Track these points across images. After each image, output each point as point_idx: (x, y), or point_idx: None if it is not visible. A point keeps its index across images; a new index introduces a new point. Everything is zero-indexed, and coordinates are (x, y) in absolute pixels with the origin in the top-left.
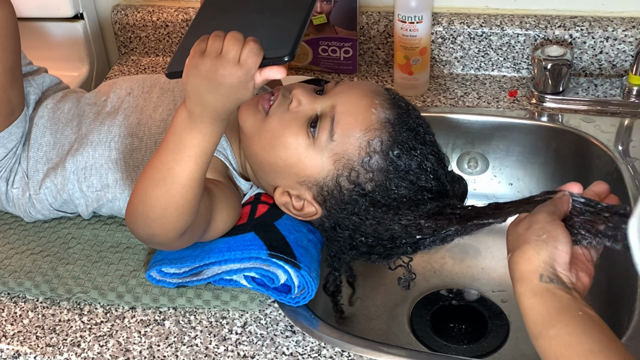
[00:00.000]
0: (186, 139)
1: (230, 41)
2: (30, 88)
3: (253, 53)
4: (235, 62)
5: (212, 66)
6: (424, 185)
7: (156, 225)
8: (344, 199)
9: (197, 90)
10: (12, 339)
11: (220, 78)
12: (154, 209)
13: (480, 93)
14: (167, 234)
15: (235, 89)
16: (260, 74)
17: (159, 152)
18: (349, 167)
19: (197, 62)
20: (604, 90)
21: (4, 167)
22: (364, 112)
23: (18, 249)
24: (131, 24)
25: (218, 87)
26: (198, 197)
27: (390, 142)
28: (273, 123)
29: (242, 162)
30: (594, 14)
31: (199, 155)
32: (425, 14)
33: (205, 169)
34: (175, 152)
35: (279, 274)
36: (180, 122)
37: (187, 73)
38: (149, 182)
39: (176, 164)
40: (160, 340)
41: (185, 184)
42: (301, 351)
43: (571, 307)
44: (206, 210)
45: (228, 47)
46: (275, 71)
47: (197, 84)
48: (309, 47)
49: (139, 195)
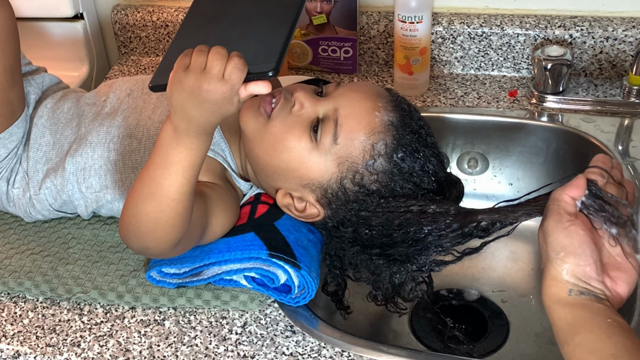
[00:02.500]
0: (173, 154)
1: (214, 56)
2: (30, 88)
3: (237, 69)
4: (219, 77)
5: (197, 82)
6: (426, 187)
7: (148, 239)
8: (349, 199)
9: (181, 106)
10: (12, 339)
11: (204, 94)
12: (145, 224)
13: (480, 93)
14: (160, 247)
15: (220, 104)
16: (245, 89)
17: (147, 167)
18: (353, 169)
19: (181, 78)
20: (604, 90)
21: (5, 167)
22: (368, 115)
23: (18, 249)
24: (131, 24)
25: (203, 102)
26: (189, 209)
27: (394, 145)
28: (276, 126)
29: (242, 163)
30: (594, 14)
31: (186, 170)
32: (425, 14)
33: (194, 181)
34: (162, 167)
35: (279, 274)
36: (166, 137)
37: (172, 88)
38: (139, 197)
39: (164, 179)
40: (160, 340)
41: (174, 198)
42: (301, 351)
43: (600, 315)
44: (201, 217)
45: (212, 63)
46: (260, 86)
47: (181, 99)
48: (309, 47)
49: (129, 210)
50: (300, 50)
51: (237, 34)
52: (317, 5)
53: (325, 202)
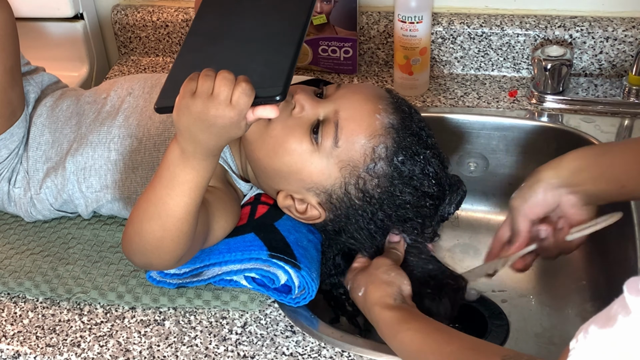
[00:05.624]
0: (180, 175)
1: (221, 82)
2: (30, 87)
3: (245, 94)
4: (227, 103)
5: (204, 107)
6: (426, 190)
7: (153, 256)
8: (354, 205)
9: (189, 130)
10: (12, 339)
11: (212, 119)
12: (150, 242)
13: (480, 93)
14: (165, 263)
15: (227, 129)
16: (253, 113)
17: (153, 185)
18: (355, 174)
19: (189, 103)
20: (604, 90)
21: (6, 167)
22: (368, 117)
23: (18, 249)
24: (131, 24)
25: (210, 127)
26: (193, 227)
27: (394, 148)
28: (276, 129)
29: (242, 164)
30: (594, 14)
31: (192, 190)
32: (425, 14)
33: (200, 201)
34: (169, 187)
35: (279, 275)
36: (172, 158)
37: (178, 113)
38: (144, 215)
39: (170, 199)
40: (160, 340)
41: (180, 218)
42: (301, 351)
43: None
44: (203, 226)
45: (220, 89)
46: (268, 111)
47: (189, 123)
48: (309, 47)
49: (134, 227)
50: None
51: (243, 54)
52: (317, 5)
53: (328, 206)
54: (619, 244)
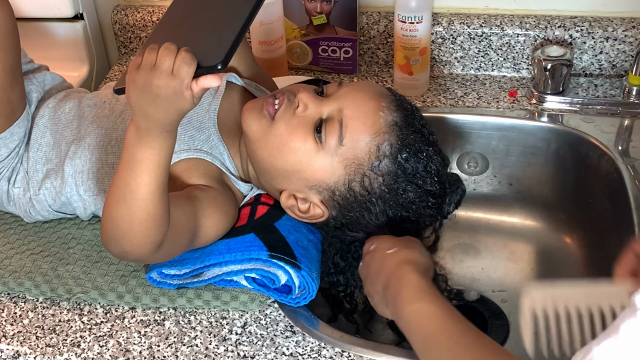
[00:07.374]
0: (136, 154)
1: (163, 52)
2: (32, 86)
3: (185, 63)
4: (168, 72)
5: (147, 78)
6: (429, 189)
7: (125, 242)
8: (358, 202)
9: (138, 104)
10: (12, 339)
11: (155, 89)
12: (120, 226)
13: (480, 93)
14: (139, 250)
15: (172, 100)
16: (197, 83)
17: (117, 170)
18: (360, 172)
19: (134, 76)
20: (604, 90)
21: (6, 166)
22: (372, 115)
23: (18, 249)
24: (131, 24)
25: (155, 98)
26: (162, 210)
27: (398, 145)
28: (280, 128)
29: (242, 165)
30: (594, 14)
31: (151, 169)
32: (425, 14)
33: (162, 181)
34: (129, 168)
35: (279, 275)
36: (129, 137)
37: (128, 88)
38: (112, 200)
39: (132, 180)
40: (160, 340)
41: (144, 198)
42: (301, 351)
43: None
44: (188, 220)
45: (161, 59)
46: (210, 80)
47: (136, 97)
48: (309, 47)
49: (105, 214)
50: (300, 51)
51: (196, 33)
52: (317, 5)
53: (331, 204)
54: (619, 244)
